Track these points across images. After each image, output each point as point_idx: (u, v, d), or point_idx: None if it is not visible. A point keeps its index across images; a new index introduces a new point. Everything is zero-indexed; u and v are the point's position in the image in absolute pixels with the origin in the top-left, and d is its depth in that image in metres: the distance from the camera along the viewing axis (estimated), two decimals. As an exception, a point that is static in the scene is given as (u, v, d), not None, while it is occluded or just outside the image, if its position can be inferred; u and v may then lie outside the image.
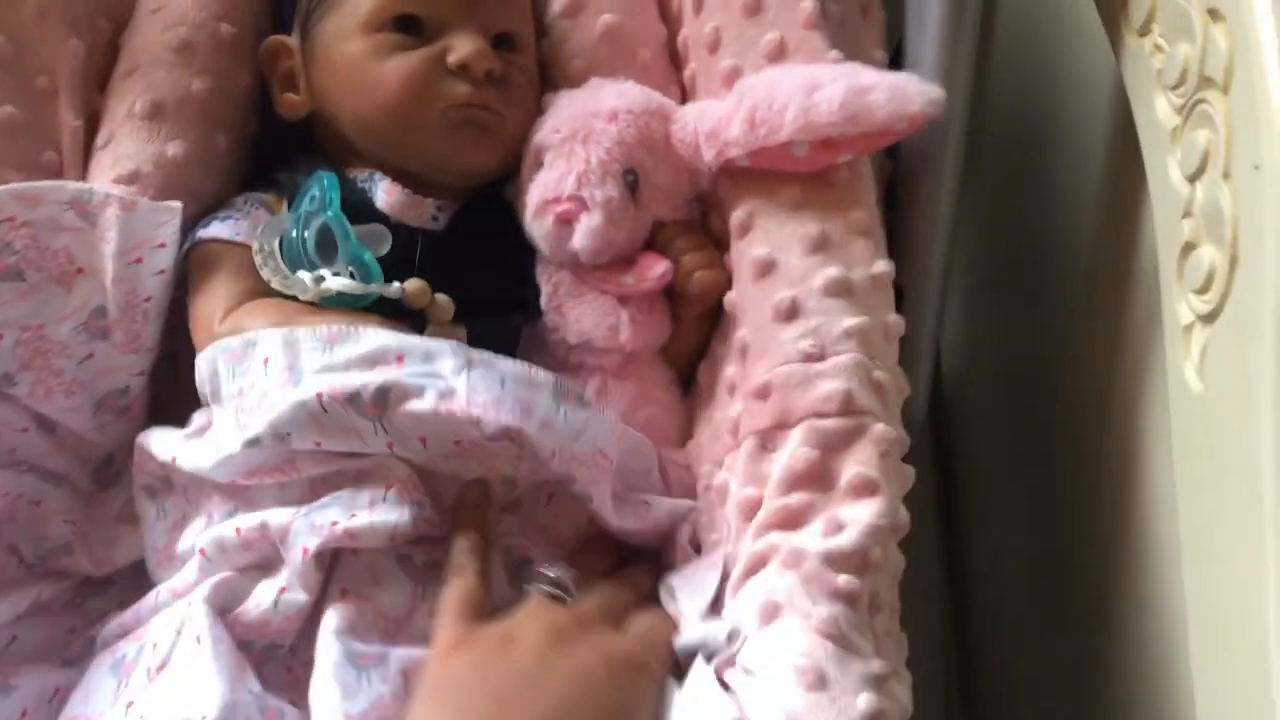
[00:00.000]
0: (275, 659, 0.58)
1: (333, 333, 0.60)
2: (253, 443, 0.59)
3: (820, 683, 0.52)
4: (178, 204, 0.67)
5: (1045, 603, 0.84)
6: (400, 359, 0.59)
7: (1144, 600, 0.66)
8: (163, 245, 0.65)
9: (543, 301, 0.70)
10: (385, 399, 0.58)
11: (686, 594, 0.60)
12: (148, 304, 0.65)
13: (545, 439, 0.60)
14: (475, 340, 0.65)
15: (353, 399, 0.57)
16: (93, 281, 0.64)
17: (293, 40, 0.74)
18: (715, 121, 0.65)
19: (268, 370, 0.60)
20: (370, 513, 0.58)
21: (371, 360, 0.59)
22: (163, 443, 0.64)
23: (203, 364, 0.63)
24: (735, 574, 0.59)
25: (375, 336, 0.60)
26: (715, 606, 0.59)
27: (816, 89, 0.63)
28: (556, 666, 0.52)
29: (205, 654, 0.55)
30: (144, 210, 0.66)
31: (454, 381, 0.59)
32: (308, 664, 0.56)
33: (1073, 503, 0.79)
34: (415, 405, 0.57)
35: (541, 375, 0.62)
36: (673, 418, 0.71)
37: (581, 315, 0.68)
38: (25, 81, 0.69)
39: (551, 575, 0.59)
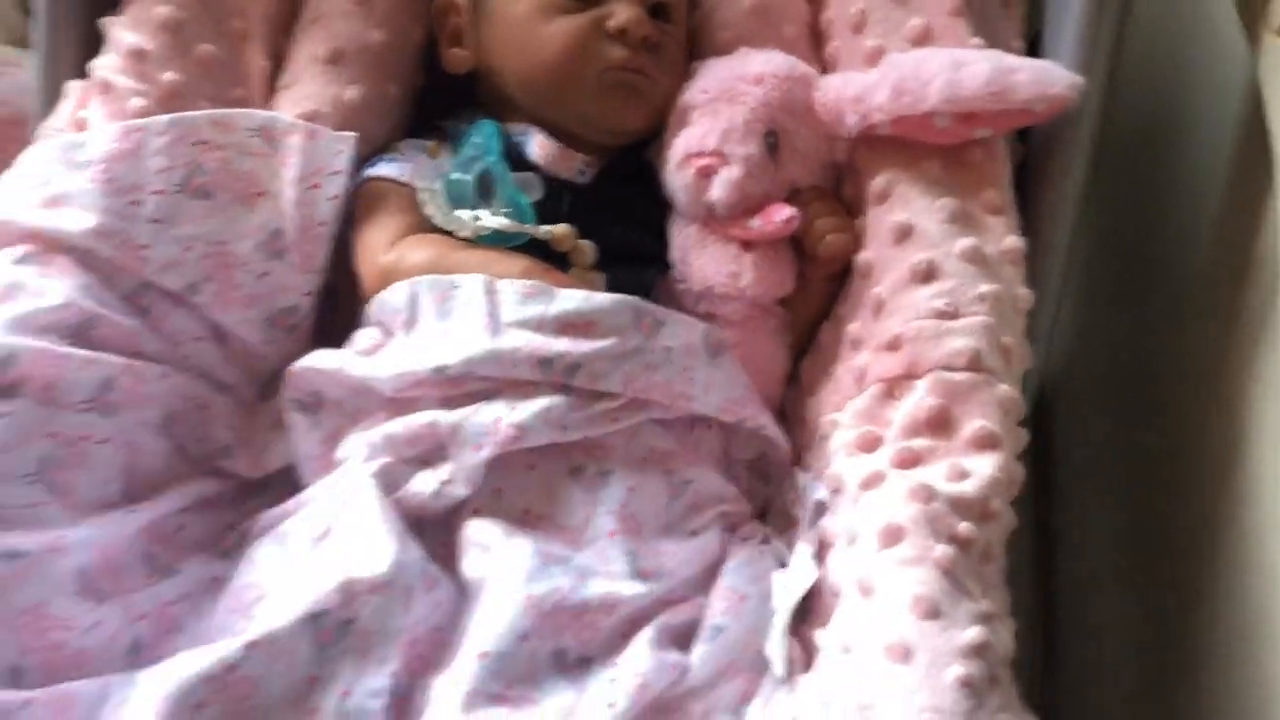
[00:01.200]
0: (428, 535, 0.63)
1: (529, 288, 0.65)
2: (441, 370, 0.64)
3: (933, 612, 0.54)
4: (353, 134, 0.72)
5: (1137, 599, 0.85)
6: (589, 325, 0.64)
7: (1241, 596, 0.67)
8: (338, 172, 0.71)
9: (671, 253, 0.74)
10: (575, 373, 0.63)
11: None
12: (322, 228, 0.70)
13: (711, 399, 0.66)
14: (612, 286, 0.71)
15: (544, 364, 0.63)
16: (272, 204, 0.70)
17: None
18: (861, 88, 0.68)
19: (469, 314, 0.65)
20: (529, 404, 0.62)
21: (562, 324, 0.64)
22: (327, 358, 0.69)
23: (399, 295, 0.68)
24: (851, 485, 0.62)
25: (568, 299, 0.65)
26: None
27: (963, 66, 0.66)
28: None
29: (375, 519, 0.60)
30: (324, 139, 0.71)
31: (632, 366, 0.64)
32: (452, 546, 0.62)
33: (1172, 496, 0.80)
34: (602, 385, 0.64)
35: (695, 332, 0.67)
36: (779, 386, 0.75)
37: (705, 264, 0.72)
38: (222, 23, 0.75)
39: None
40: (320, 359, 0.68)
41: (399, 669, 0.57)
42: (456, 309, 0.66)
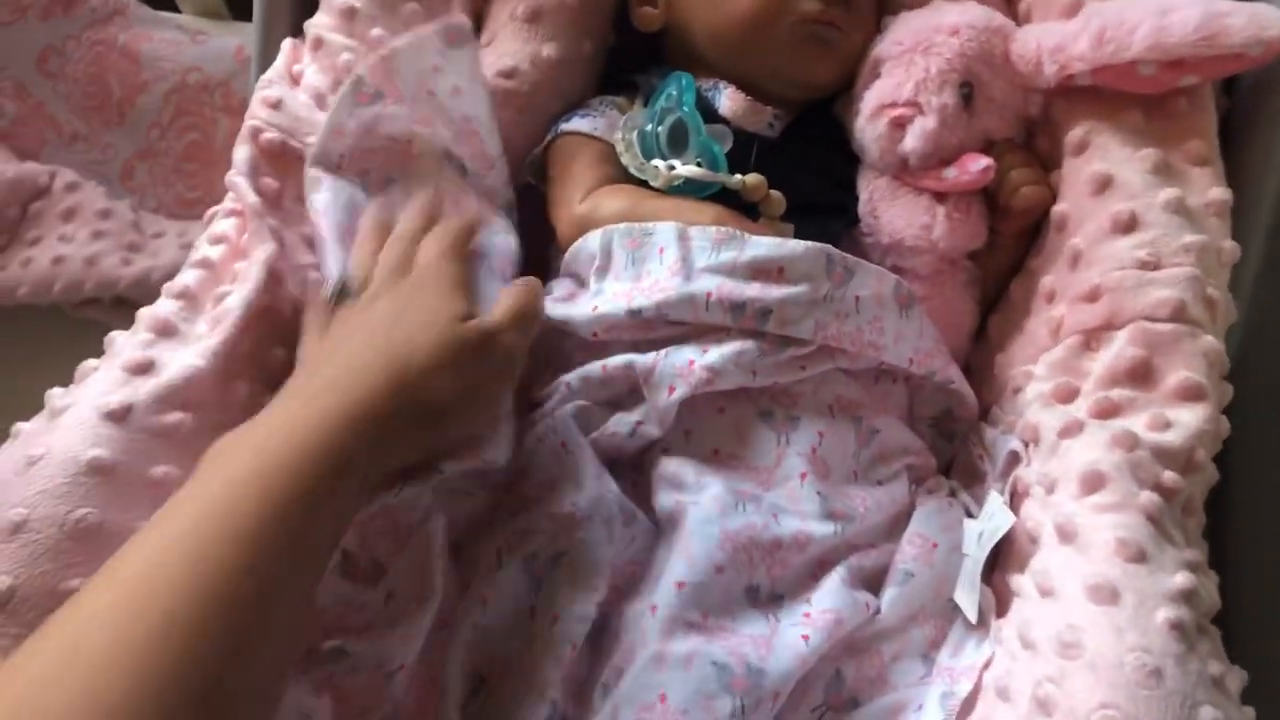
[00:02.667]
0: (623, 474, 0.66)
1: (721, 234, 0.66)
2: (635, 313, 0.66)
3: (1140, 556, 0.54)
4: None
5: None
6: (781, 271, 0.65)
7: None
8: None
9: (860, 207, 0.74)
10: (766, 318, 0.64)
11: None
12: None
13: (900, 350, 0.67)
14: (799, 237, 0.71)
15: (736, 309, 0.64)
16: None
17: (654, -43, 0.81)
18: (1060, 38, 0.67)
19: (663, 259, 0.67)
20: (720, 348, 0.64)
21: (754, 269, 0.65)
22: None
23: (593, 242, 0.70)
24: (1048, 434, 0.62)
25: (760, 245, 0.66)
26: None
27: (1170, 11, 0.64)
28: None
29: (571, 456, 0.63)
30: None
31: (823, 314, 0.65)
32: (645, 484, 0.64)
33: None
34: (792, 331, 0.65)
35: (886, 283, 0.67)
36: (967, 340, 0.75)
37: (895, 216, 0.72)
38: (426, -20, 0.79)
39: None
40: None
41: (603, 598, 0.59)
42: (650, 255, 0.67)
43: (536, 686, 0.57)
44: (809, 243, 0.66)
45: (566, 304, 0.70)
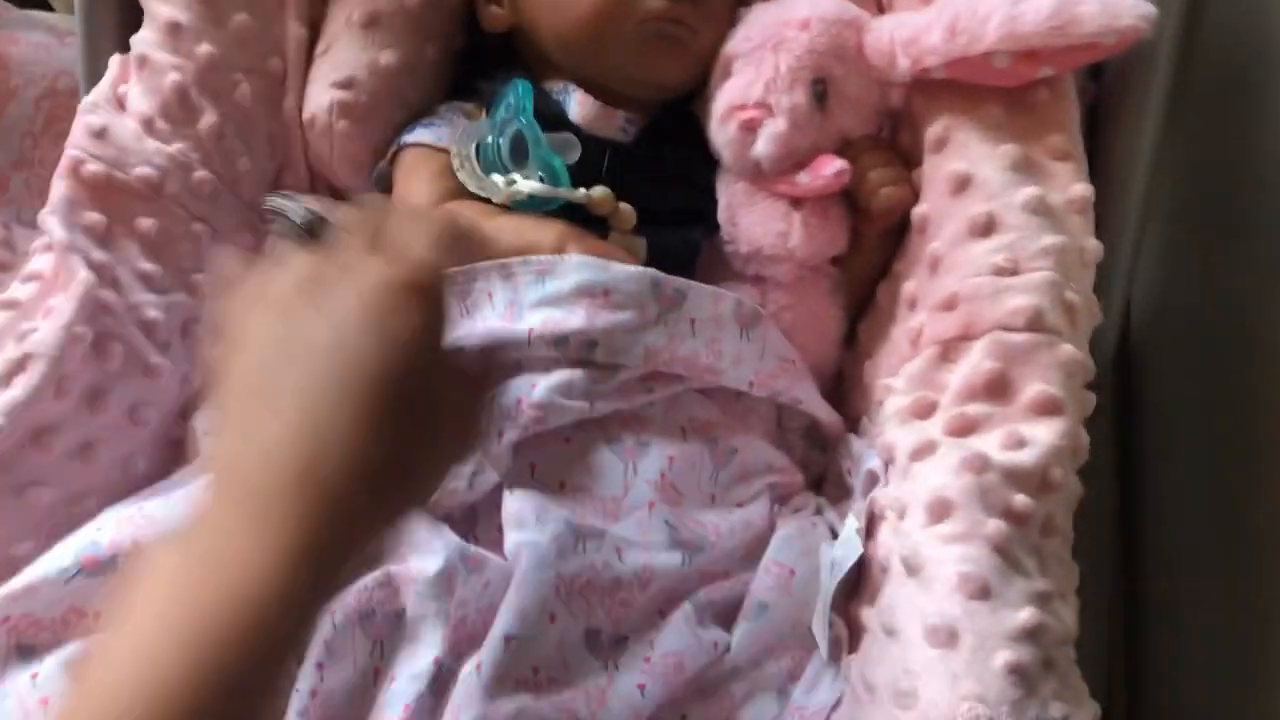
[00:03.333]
0: (480, 520, 0.62)
1: (544, 264, 0.62)
2: (457, 352, 0.62)
3: (983, 592, 0.51)
4: None
5: (1224, 557, 0.80)
6: (606, 294, 0.62)
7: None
8: None
9: (719, 213, 0.70)
10: (592, 349, 0.61)
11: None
12: None
13: (740, 373, 0.64)
14: (654, 250, 0.68)
15: (559, 341, 0.61)
16: None
17: (498, -45, 0.77)
18: (913, 30, 0.64)
19: (493, 304, 0.63)
20: (548, 378, 0.60)
21: (579, 293, 0.61)
22: None
23: None
24: (901, 456, 0.59)
25: (583, 269, 0.62)
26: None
27: (1023, 0, 0.61)
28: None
29: (406, 531, 0.60)
30: None
31: (654, 339, 0.61)
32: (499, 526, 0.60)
33: (1262, 453, 0.74)
34: (621, 359, 0.61)
35: (724, 304, 0.64)
36: (835, 348, 0.72)
37: (753, 224, 0.68)
38: (258, -9, 0.74)
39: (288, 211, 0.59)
40: None
41: (444, 652, 0.56)
42: (480, 302, 0.64)
43: None
44: (633, 267, 0.62)
45: None
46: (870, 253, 0.70)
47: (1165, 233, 0.93)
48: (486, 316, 0.64)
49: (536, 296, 0.62)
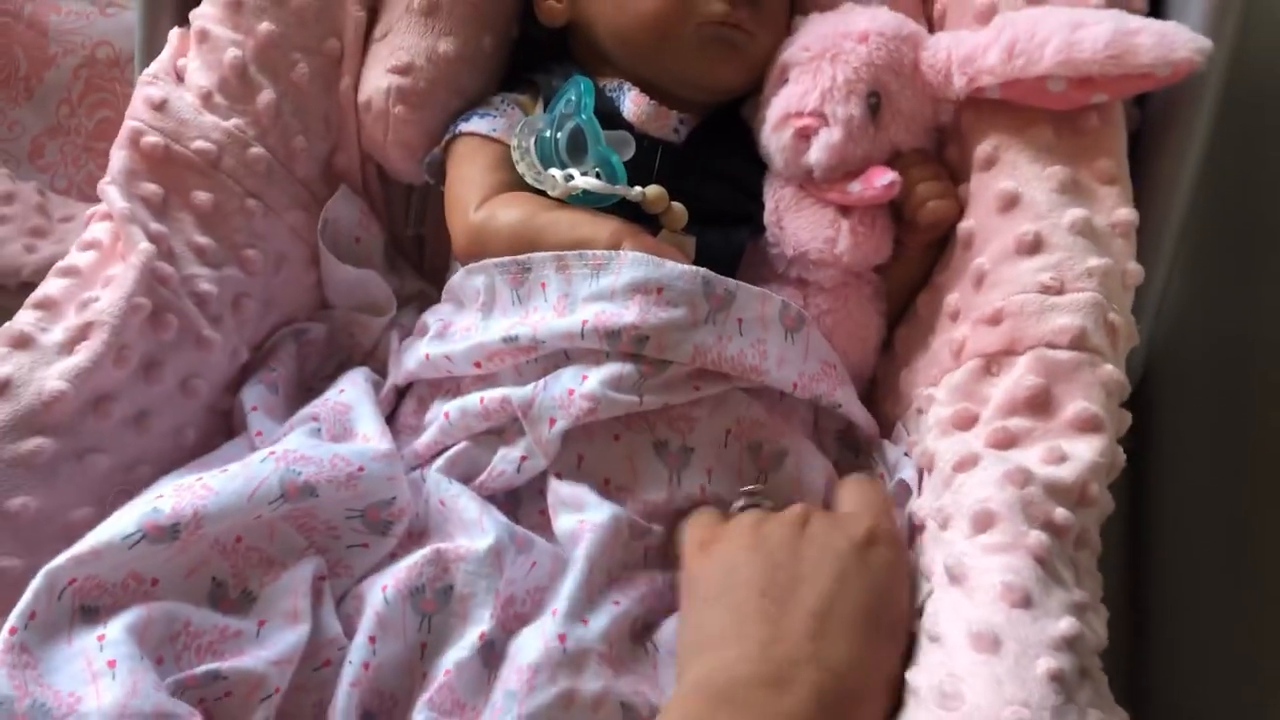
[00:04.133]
0: (524, 504, 0.65)
1: (599, 259, 0.64)
2: (510, 340, 0.64)
3: (1025, 601, 0.53)
4: None
5: (1233, 570, 0.82)
6: (659, 291, 0.63)
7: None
8: None
9: (765, 216, 0.72)
10: (643, 344, 0.62)
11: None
12: None
13: (784, 374, 0.65)
14: (702, 249, 0.70)
15: (611, 335, 0.62)
16: None
17: (558, -50, 0.78)
18: (971, 49, 0.65)
19: (546, 295, 0.65)
20: (599, 370, 0.62)
21: (633, 289, 0.63)
22: (411, 356, 0.71)
23: (476, 278, 0.68)
24: (944, 466, 0.60)
25: (637, 265, 0.63)
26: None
27: (1082, 27, 0.62)
28: (807, 555, 0.55)
29: (449, 509, 0.62)
30: None
31: (703, 337, 0.63)
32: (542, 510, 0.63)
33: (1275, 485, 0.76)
34: (670, 356, 0.63)
35: (770, 306, 0.65)
36: (874, 355, 0.74)
37: (800, 228, 0.70)
38: (319, -28, 0.75)
39: (753, 491, 0.62)
40: (405, 361, 0.71)
41: (491, 628, 0.58)
42: (534, 292, 0.66)
43: None
44: (687, 266, 0.64)
45: (442, 341, 0.69)
46: (912, 263, 0.72)
47: (1190, 260, 0.95)
48: (539, 307, 0.65)
49: (590, 291, 0.64)
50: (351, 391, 0.69)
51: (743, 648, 0.51)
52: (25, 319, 0.62)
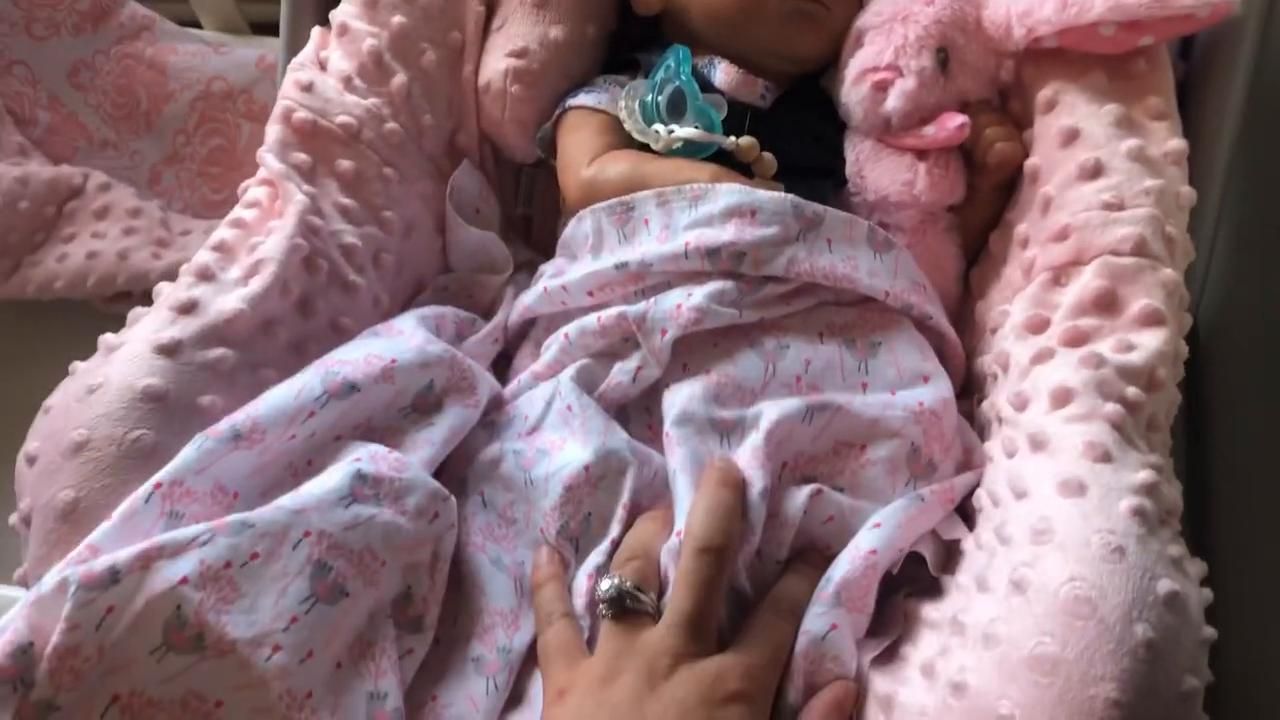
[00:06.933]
0: (636, 419, 0.71)
1: (697, 190, 0.72)
2: (621, 266, 0.72)
3: (1105, 457, 0.58)
4: None
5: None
6: (753, 214, 0.70)
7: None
8: None
9: (847, 168, 0.80)
10: (741, 260, 0.70)
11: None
12: None
13: (876, 283, 0.71)
14: (791, 196, 0.77)
15: (712, 253, 0.70)
16: None
17: (654, -56, 0.87)
18: (1028, 3, 0.73)
19: (649, 229, 0.73)
20: (703, 288, 0.69)
21: (729, 214, 0.70)
22: (529, 294, 0.79)
23: (585, 222, 0.76)
24: (1021, 361, 0.66)
25: (732, 193, 0.71)
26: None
27: (1128, -24, 0.70)
28: (651, 708, 0.54)
29: (577, 417, 0.69)
30: None
31: (796, 251, 0.70)
32: (660, 421, 0.69)
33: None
34: (767, 270, 0.69)
35: (858, 229, 0.72)
36: (955, 284, 0.80)
37: (880, 175, 0.77)
38: (443, -28, 0.85)
39: (610, 593, 0.60)
40: (521, 299, 0.79)
41: (618, 536, 0.64)
42: (638, 229, 0.73)
43: None
44: (778, 193, 0.71)
45: (560, 278, 0.76)
46: (984, 204, 0.79)
47: (1236, 236, 1.00)
48: (644, 240, 0.73)
49: (689, 219, 0.71)
50: (407, 315, 0.76)
51: None
52: (207, 258, 0.70)
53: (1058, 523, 0.56)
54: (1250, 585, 0.93)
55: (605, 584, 0.59)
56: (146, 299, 0.69)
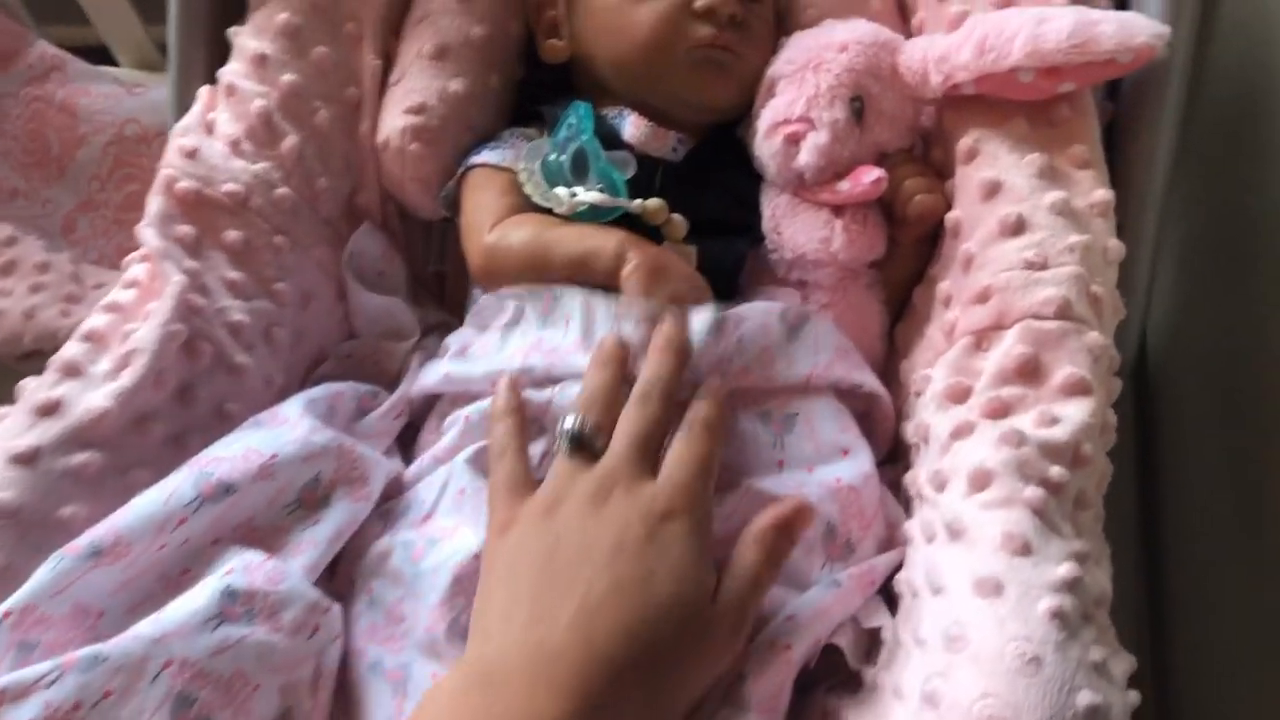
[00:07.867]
0: None
1: (621, 307, 0.67)
2: (528, 370, 0.68)
3: (1024, 549, 0.55)
4: None
5: (1244, 562, 0.83)
6: None
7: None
8: None
9: (764, 224, 0.75)
10: None
11: None
12: None
13: (795, 370, 0.67)
14: (705, 258, 0.73)
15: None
16: None
17: (557, -7, 0.83)
18: (945, 48, 0.69)
19: (568, 330, 0.69)
20: None
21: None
22: (431, 373, 0.74)
23: (507, 302, 0.72)
24: (941, 435, 0.63)
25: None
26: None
27: (1046, 20, 0.66)
28: (593, 529, 0.55)
29: (469, 500, 0.64)
30: None
31: (708, 362, 0.65)
32: None
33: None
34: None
35: (772, 315, 0.67)
36: (879, 342, 0.76)
37: (796, 232, 0.73)
38: (337, 27, 0.81)
39: (571, 429, 0.60)
40: (426, 377, 0.74)
41: None
42: (557, 321, 0.70)
43: None
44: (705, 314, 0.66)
45: (463, 360, 0.72)
46: (906, 260, 0.75)
47: (1180, 256, 0.97)
48: (555, 337, 0.69)
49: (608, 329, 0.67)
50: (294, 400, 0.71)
51: (509, 632, 0.52)
52: (75, 350, 0.66)
53: (971, 629, 0.52)
54: (1200, 619, 0.91)
55: (569, 420, 0.60)
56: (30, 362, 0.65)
